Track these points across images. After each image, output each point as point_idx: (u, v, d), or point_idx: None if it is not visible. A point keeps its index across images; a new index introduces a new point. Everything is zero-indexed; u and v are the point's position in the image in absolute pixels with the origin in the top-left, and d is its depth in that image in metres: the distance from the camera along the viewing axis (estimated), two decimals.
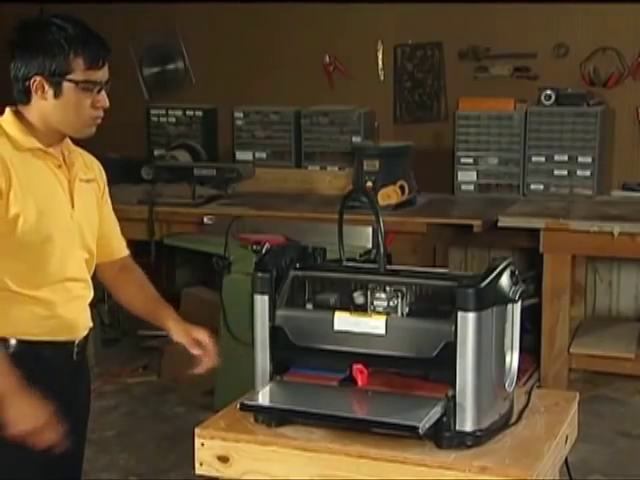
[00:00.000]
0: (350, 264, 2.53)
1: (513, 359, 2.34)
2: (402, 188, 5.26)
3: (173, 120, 6.30)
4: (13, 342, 2.41)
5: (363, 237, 4.67)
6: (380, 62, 6.05)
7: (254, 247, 2.49)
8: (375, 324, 2.30)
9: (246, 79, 6.26)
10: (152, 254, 5.30)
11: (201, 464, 2.36)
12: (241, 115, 6.11)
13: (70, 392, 2.54)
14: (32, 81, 2.40)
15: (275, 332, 2.39)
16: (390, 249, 4.25)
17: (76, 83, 2.40)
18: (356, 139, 5.82)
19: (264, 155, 6.07)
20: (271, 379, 2.42)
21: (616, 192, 5.56)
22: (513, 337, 2.33)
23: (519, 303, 2.31)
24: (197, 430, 2.36)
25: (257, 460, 2.30)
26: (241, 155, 6.12)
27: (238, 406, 2.32)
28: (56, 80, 2.39)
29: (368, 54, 6.05)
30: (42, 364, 2.46)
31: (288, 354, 2.42)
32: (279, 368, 2.42)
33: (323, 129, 5.94)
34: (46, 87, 2.40)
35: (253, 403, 2.33)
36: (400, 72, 6.05)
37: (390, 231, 4.46)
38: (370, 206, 2.48)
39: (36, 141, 2.43)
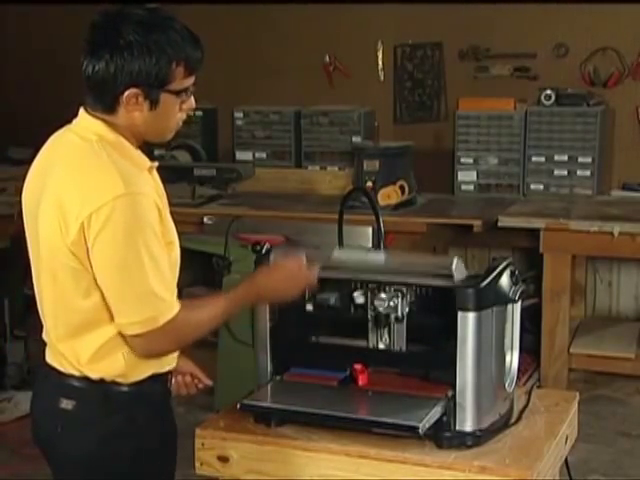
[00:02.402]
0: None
1: (513, 359, 2.35)
2: (402, 188, 5.26)
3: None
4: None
5: (363, 237, 4.66)
6: (380, 62, 6.04)
7: (254, 247, 2.47)
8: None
9: (246, 79, 6.26)
10: None
11: (201, 464, 2.36)
12: (241, 115, 6.11)
13: None
14: (126, 93, 2.08)
15: (275, 332, 2.40)
16: (390, 249, 4.24)
17: (175, 93, 2.14)
18: (356, 139, 5.81)
19: (264, 155, 6.06)
20: (271, 379, 2.42)
21: (616, 192, 5.56)
22: (513, 337, 2.34)
23: (519, 303, 2.32)
24: (197, 430, 2.36)
25: (257, 460, 2.30)
26: (241, 155, 6.11)
27: (238, 406, 2.32)
28: (154, 91, 2.10)
29: (368, 54, 6.04)
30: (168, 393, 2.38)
31: (288, 354, 2.43)
32: (279, 368, 2.43)
33: (323, 129, 5.93)
34: (140, 99, 2.10)
35: (253, 403, 2.34)
36: (400, 72, 6.05)
37: (390, 231, 4.45)
38: (370, 206, 2.48)
39: (144, 156, 2.20)
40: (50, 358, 2.25)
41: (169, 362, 2.28)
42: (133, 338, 2.13)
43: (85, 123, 2.17)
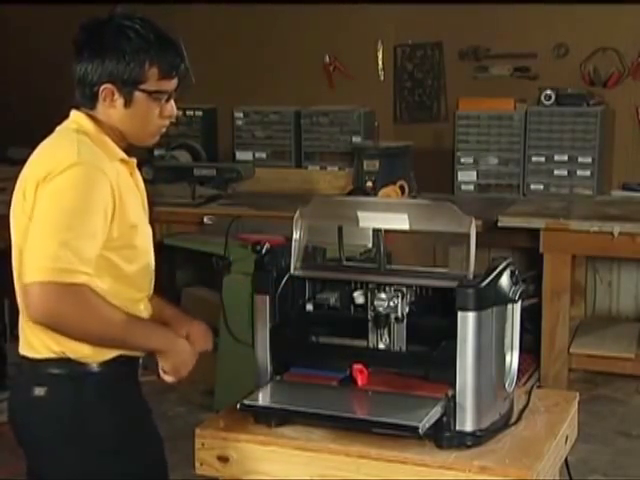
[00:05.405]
0: (350, 264, 2.53)
1: (513, 359, 2.34)
2: (402, 188, 5.26)
3: (173, 120, 6.28)
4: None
5: (363, 237, 4.66)
6: (380, 62, 6.04)
7: (254, 247, 2.47)
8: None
9: (246, 79, 6.25)
10: None
11: (201, 464, 2.36)
12: (241, 115, 6.11)
13: None
14: (101, 88, 2.25)
15: (275, 332, 2.40)
16: (390, 249, 4.24)
17: (148, 93, 2.28)
18: (356, 139, 5.81)
19: (264, 155, 6.07)
20: (271, 379, 2.42)
21: (616, 192, 5.57)
22: (513, 337, 2.33)
23: (519, 303, 2.32)
24: (197, 430, 2.36)
25: (257, 460, 2.30)
26: (241, 155, 6.12)
27: (238, 406, 2.32)
28: (127, 89, 2.25)
29: (368, 54, 6.04)
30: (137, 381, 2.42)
31: (288, 354, 2.42)
32: (279, 368, 2.43)
33: (323, 129, 5.94)
34: (116, 95, 2.26)
35: (253, 403, 2.33)
36: (400, 72, 6.05)
37: (390, 231, 4.45)
38: None
39: (119, 149, 2.30)
40: (23, 348, 2.36)
41: None
42: (34, 287, 2.12)
43: (71, 117, 2.33)
